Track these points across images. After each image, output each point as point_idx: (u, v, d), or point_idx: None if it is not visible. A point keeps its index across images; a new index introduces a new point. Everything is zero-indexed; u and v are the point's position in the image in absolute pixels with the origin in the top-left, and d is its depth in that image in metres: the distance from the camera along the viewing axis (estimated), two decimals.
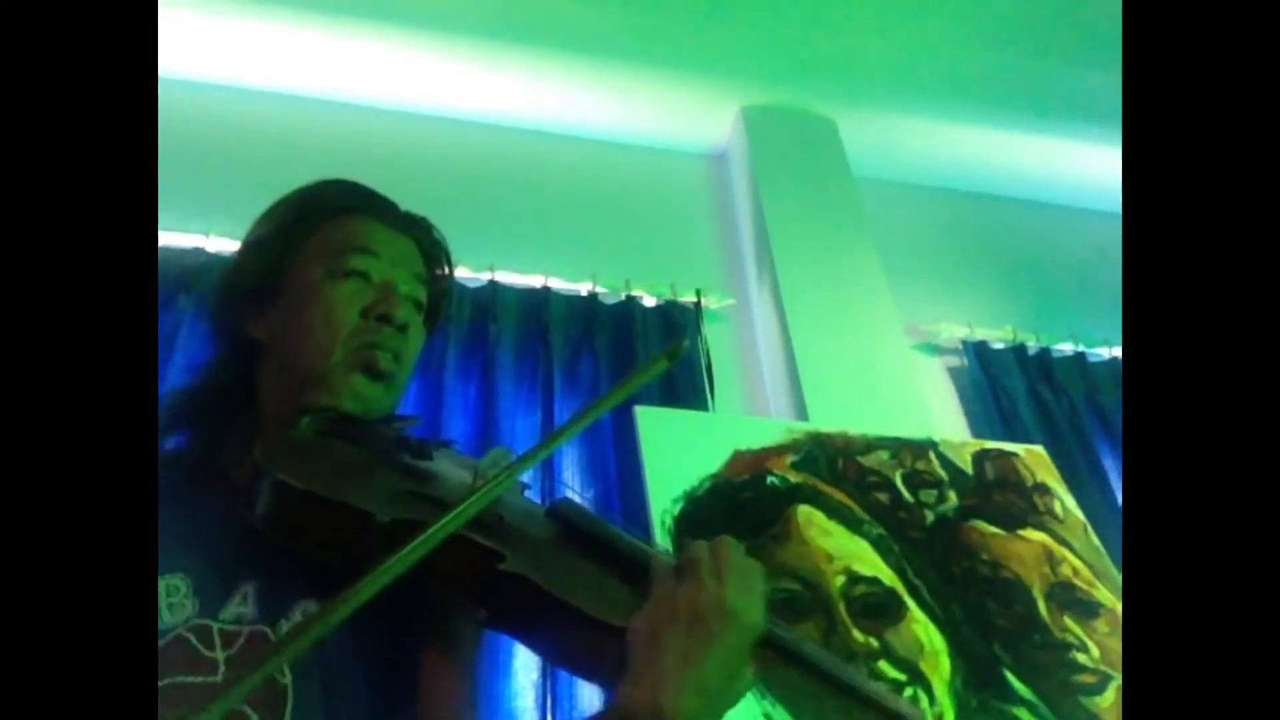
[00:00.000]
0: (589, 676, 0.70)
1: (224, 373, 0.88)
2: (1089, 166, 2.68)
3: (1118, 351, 2.38)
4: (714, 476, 1.58)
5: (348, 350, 0.82)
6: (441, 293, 0.98)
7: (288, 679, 0.68)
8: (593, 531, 0.74)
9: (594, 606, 0.63)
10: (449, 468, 0.80)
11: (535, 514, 0.77)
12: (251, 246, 0.91)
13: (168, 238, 1.83)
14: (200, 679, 0.66)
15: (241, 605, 0.70)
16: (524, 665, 1.52)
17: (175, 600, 0.69)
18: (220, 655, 0.67)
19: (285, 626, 0.70)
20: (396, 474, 0.75)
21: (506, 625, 0.68)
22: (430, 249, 0.96)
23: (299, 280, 0.86)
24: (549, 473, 1.74)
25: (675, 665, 0.59)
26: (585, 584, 0.67)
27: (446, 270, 0.99)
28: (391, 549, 0.56)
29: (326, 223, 0.89)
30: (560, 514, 0.77)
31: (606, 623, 0.62)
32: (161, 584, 0.69)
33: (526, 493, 0.85)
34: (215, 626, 0.69)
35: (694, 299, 2.14)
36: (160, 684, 0.63)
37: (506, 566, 0.64)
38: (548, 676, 1.51)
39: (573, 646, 0.65)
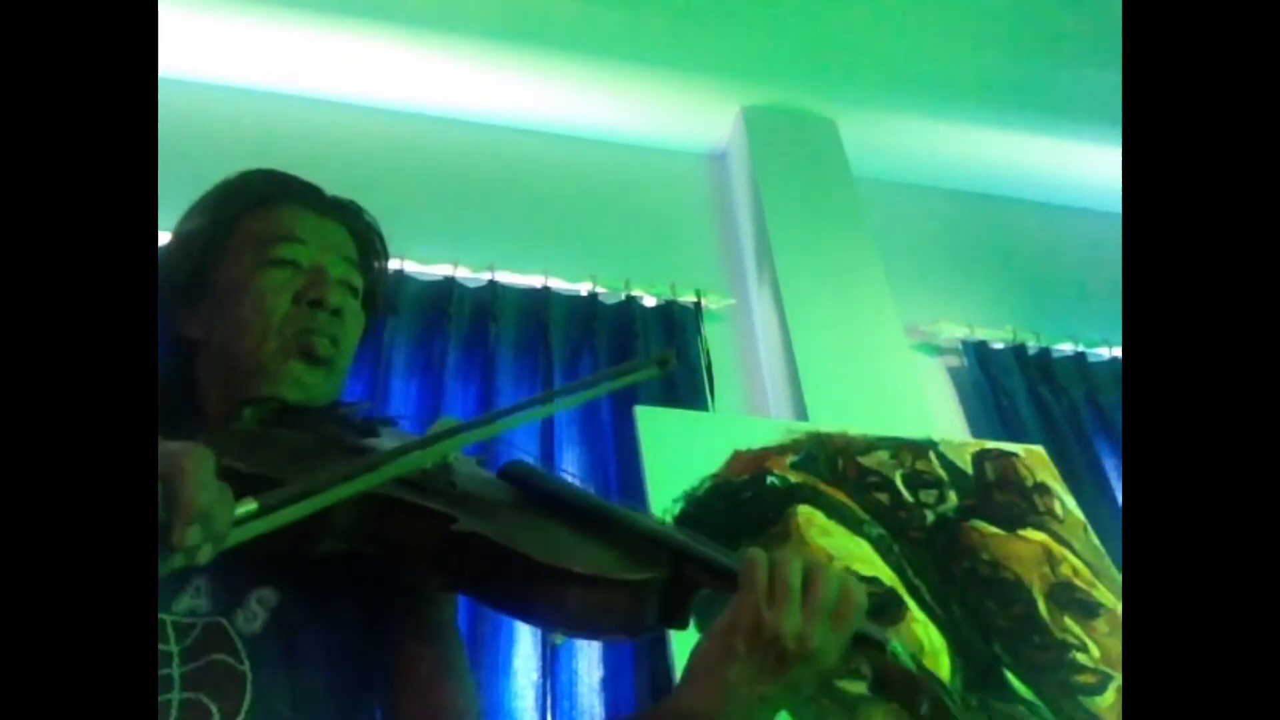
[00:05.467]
0: (549, 624, 0.70)
1: (161, 374, 0.86)
2: (1089, 166, 2.68)
3: (1118, 351, 2.38)
4: (714, 476, 1.58)
5: (283, 338, 0.81)
6: (377, 276, 0.96)
7: (245, 665, 0.68)
8: (545, 488, 0.76)
9: (548, 554, 0.63)
10: (395, 444, 0.80)
11: (488, 479, 0.78)
12: (176, 245, 0.90)
13: (167, 237, 1.82)
14: None
15: (195, 598, 0.70)
16: (524, 665, 1.52)
17: None
18: (175, 648, 0.67)
19: (241, 616, 0.70)
20: (341, 453, 0.75)
21: (463, 585, 0.68)
22: (362, 232, 0.94)
23: (227, 274, 0.85)
24: (549, 470, 1.74)
25: (741, 682, 0.62)
26: (540, 537, 0.68)
27: (381, 253, 0.96)
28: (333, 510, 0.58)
29: (250, 214, 0.88)
30: (512, 475, 0.78)
31: (562, 568, 0.63)
32: None
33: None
34: (169, 620, 0.68)
35: (694, 299, 2.14)
36: None
37: (459, 527, 0.65)
38: (548, 676, 1.51)
39: (530, 597, 0.65)
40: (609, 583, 0.64)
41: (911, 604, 1.49)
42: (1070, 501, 1.77)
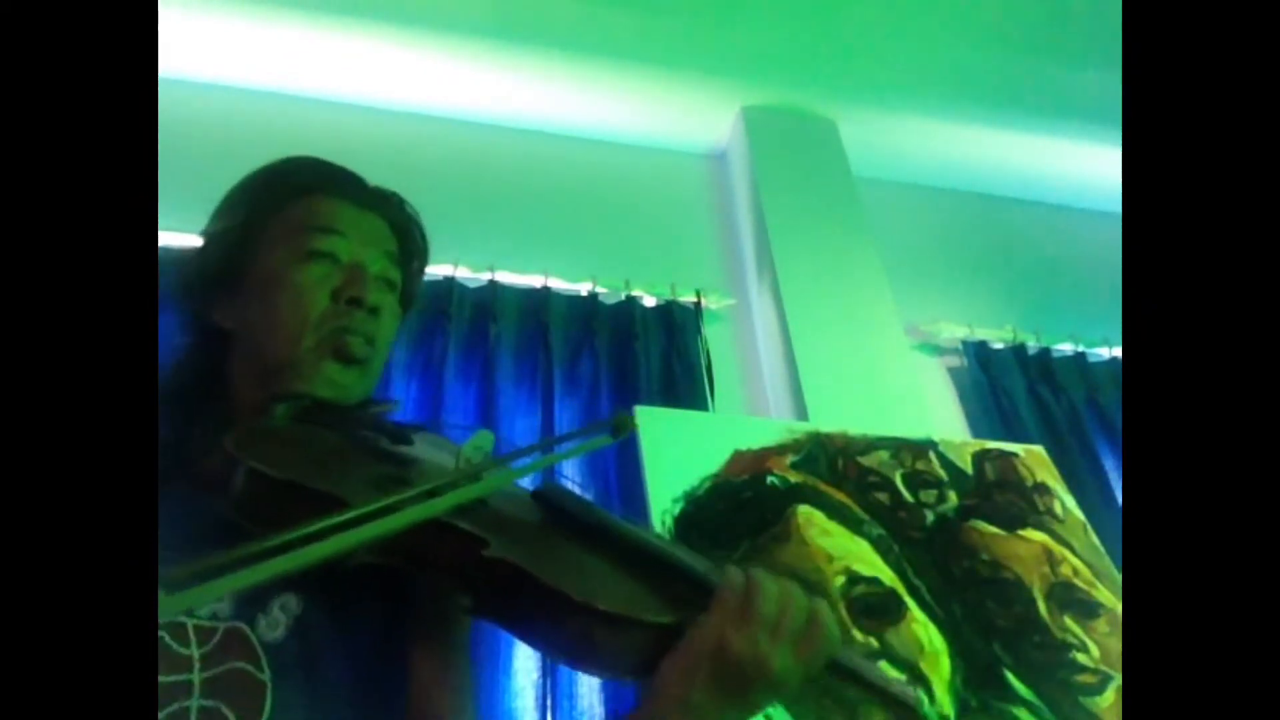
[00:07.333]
0: (576, 664, 0.69)
1: (191, 363, 0.86)
2: (1089, 166, 2.68)
3: (1118, 351, 2.39)
4: (714, 476, 1.58)
5: (319, 336, 0.80)
6: (416, 271, 0.94)
7: (266, 675, 0.67)
8: (579, 515, 0.73)
9: (580, 591, 0.62)
10: (429, 451, 0.79)
11: (520, 498, 0.76)
12: (213, 233, 0.88)
13: (168, 238, 1.83)
14: (174, 678, 0.64)
15: (217, 601, 0.69)
16: (524, 665, 1.52)
17: None
18: (195, 652, 0.66)
19: (263, 622, 0.69)
20: (374, 459, 0.74)
21: (491, 613, 0.67)
22: (403, 225, 0.92)
23: (264, 265, 0.83)
24: (548, 471, 1.74)
25: (703, 703, 0.61)
26: (571, 568, 0.66)
27: (420, 247, 0.95)
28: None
29: (289, 204, 0.86)
30: (545, 498, 0.76)
31: (587, 604, 0.61)
32: None
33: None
34: (190, 623, 0.67)
35: (694, 299, 2.14)
36: None
37: (490, 553, 0.63)
38: (548, 676, 1.51)
39: (559, 633, 0.63)
40: (633, 623, 0.62)
41: (911, 604, 1.49)
42: (1070, 501, 1.77)
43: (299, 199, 0.87)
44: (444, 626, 0.80)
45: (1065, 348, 2.36)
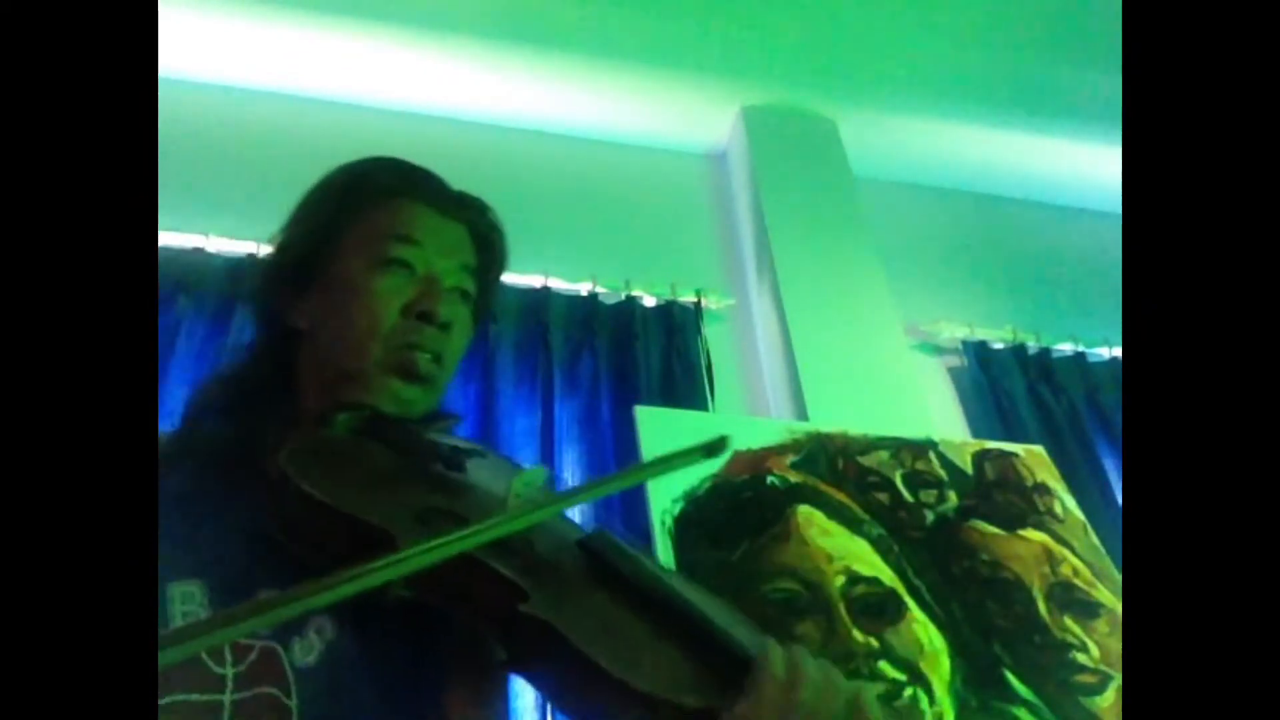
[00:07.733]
0: None
1: (262, 360, 0.85)
2: (1089, 166, 2.68)
3: (1118, 351, 2.39)
4: (714, 476, 1.58)
5: (386, 349, 0.79)
6: (493, 281, 0.93)
7: (293, 701, 0.65)
8: (623, 571, 0.71)
9: (615, 662, 0.59)
10: (482, 478, 0.77)
11: (567, 541, 0.74)
12: (293, 232, 0.87)
13: (168, 238, 1.83)
14: (206, 697, 0.63)
15: None
16: None
17: (190, 609, 0.66)
18: (229, 671, 0.64)
19: (298, 646, 0.68)
20: (426, 487, 0.72)
21: (524, 669, 0.65)
22: (484, 234, 0.91)
23: (341, 270, 0.82)
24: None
25: None
26: (608, 634, 0.63)
27: (499, 256, 0.93)
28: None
29: (370, 207, 0.85)
30: (593, 548, 0.73)
31: (621, 679, 0.59)
32: (176, 590, 0.66)
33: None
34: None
35: (694, 299, 2.14)
36: (161, 701, 0.59)
37: (527, 608, 0.61)
38: None
39: (589, 703, 0.62)
40: (666, 705, 0.59)
41: (911, 604, 1.49)
42: (1070, 501, 1.77)
43: (381, 202, 0.85)
44: (478, 666, 0.78)
45: (1065, 348, 2.36)
